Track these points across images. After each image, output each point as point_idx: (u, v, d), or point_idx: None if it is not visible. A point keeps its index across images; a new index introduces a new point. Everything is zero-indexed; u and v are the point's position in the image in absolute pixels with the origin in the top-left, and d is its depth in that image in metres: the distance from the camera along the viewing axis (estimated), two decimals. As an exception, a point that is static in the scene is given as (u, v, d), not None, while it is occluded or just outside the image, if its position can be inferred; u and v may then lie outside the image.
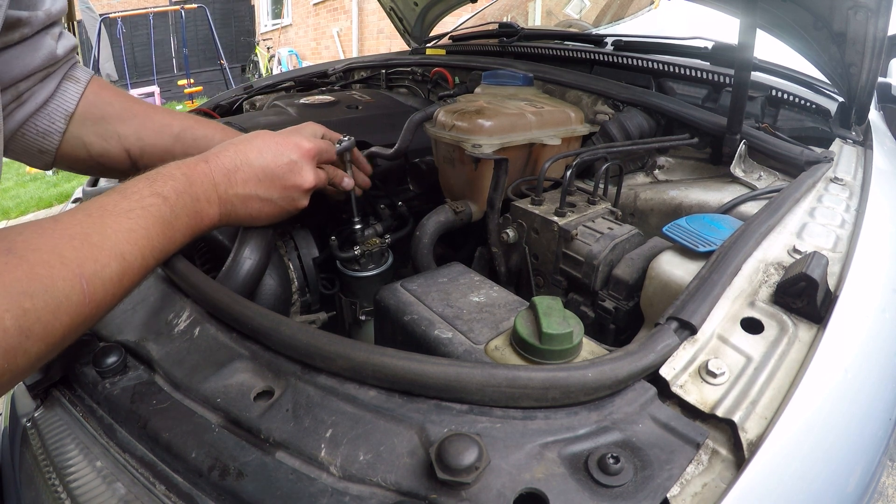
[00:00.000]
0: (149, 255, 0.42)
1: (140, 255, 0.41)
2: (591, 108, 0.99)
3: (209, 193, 0.51)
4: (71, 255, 0.35)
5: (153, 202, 0.44)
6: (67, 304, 0.34)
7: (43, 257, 0.33)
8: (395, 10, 1.74)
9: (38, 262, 0.33)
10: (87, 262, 0.36)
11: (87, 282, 0.35)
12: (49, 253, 0.34)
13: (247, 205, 0.55)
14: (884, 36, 0.77)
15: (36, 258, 0.33)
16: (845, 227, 0.59)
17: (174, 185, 0.47)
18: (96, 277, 0.36)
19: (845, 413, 0.40)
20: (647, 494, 0.30)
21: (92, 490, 0.38)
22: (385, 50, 6.20)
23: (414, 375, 0.36)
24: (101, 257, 0.37)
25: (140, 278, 0.42)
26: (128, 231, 0.40)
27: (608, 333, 0.64)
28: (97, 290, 0.36)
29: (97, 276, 0.36)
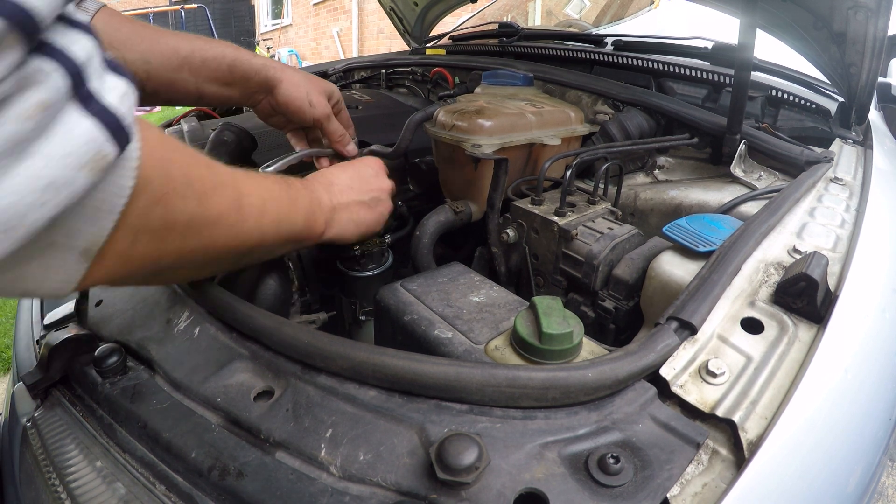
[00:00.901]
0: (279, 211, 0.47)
1: (275, 206, 0.47)
2: (591, 108, 0.99)
3: (318, 201, 0.55)
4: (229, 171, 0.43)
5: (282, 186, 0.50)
6: (222, 189, 0.41)
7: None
8: (395, 10, 1.74)
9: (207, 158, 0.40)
10: (239, 180, 0.43)
11: (240, 192, 0.42)
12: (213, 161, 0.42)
13: (349, 210, 0.59)
14: (884, 36, 0.77)
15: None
16: (845, 227, 0.59)
17: (297, 188, 0.52)
18: (245, 195, 0.43)
19: (845, 413, 0.40)
20: (647, 494, 0.30)
21: (92, 490, 0.38)
22: (385, 50, 6.20)
23: (414, 375, 0.36)
24: (250, 185, 0.44)
25: (272, 227, 0.46)
26: (265, 186, 0.46)
27: (608, 333, 0.64)
28: (244, 204, 0.43)
29: (246, 194, 0.43)
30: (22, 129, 0.24)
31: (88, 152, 0.26)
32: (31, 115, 0.24)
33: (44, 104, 0.25)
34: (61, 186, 0.26)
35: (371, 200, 0.63)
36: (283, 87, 0.69)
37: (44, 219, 0.25)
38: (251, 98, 0.70)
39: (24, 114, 0.24)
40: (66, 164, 0.25)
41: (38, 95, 0.24)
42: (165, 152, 0.35)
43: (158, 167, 0.34)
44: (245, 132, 0.82)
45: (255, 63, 0.67)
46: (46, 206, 0.25)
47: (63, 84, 0.26)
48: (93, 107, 0.27)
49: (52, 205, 0.25)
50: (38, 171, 0.25)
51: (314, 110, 0.70)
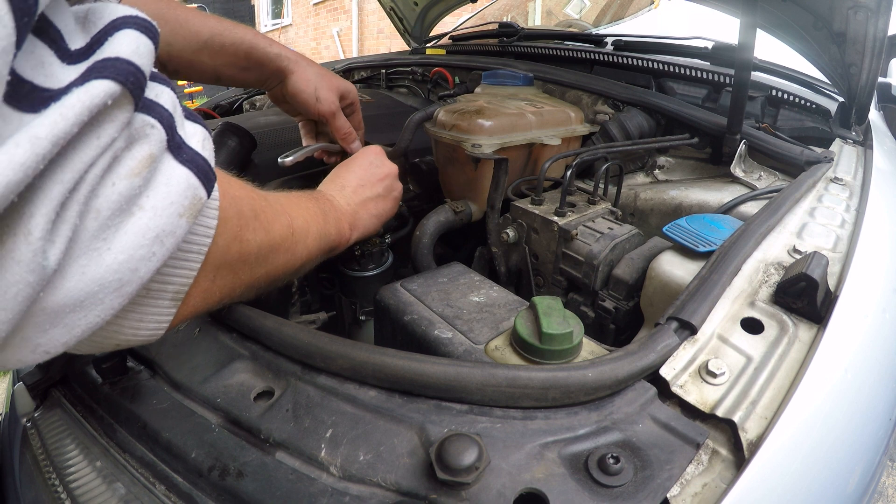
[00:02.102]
0: (318, 229, 0.51)
1: (315, 226, 0.50)
2: (591, 108, 0.99)
3: (339, 209, 0.58)
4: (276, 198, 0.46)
5: (314, 203, 0.53)
6: (280, 217, 0.43)
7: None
8: (395, 10, 1.74)
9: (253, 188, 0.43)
10: (287, 206, 0.46)
11: (290, 216, 0.45)
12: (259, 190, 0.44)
13: (367, 208, 0.62)
14: (884, 36, 0.77)
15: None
16: (845, 226, 0.59)
17: (323, 201, 0.55)
18: (294, 218, 0.46)
19: (845, 413, 0.40)
20: (647, 494, 0.30)
21: (92, 490, 0.38)
22: (385, 50, 6.20)
23: (414, 375, 0.36)
24: (294, 209, 0.47)
25: (314, 244, 0.49)
26: (304, 207, 0.50)
27: (608, 333, 0.64)
28: (295, 227, 0.46)
29: (295, 217, 0.46)
30: (133, 185, 0.24)
31: (186, 198, 0.27)
32: (140, 170, 0.25)
33: (151, 158, 0.25)
34: (166, 236, 0.26)
35: (383, 190, 0.65)
36: (293, 78, 0.71)
37: (151, 271, 0.26)
38: (265, 83, 0.73)
39: (133, 170, 0.24)
40: (169, 214, 0.26)
41: (145, 150, 0.25)
42: (233, 190, 0.36)
43: (232, 205, 0.35)
44: (245, 132, 0.82)
45: (271, 52, 0.69)
46: (154, 258, 0.26)
47: (163, 136, 0.26)
48: (184, 154, 0.28)
49: (159, 255, 0.26)
50: (146, 224, 0.25)
51: (319, 105, 0.72)
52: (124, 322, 0.28)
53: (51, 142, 0.19)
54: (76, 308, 0.23)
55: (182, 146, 0.28)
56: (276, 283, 0.47)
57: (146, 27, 0.26)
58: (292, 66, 0.71)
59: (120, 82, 0.22)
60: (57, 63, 0.22)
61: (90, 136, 0.22)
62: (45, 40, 0.21)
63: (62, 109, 0.20)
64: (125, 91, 0.23)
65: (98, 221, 0.23)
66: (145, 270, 0.25)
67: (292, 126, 0.98)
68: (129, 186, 0.24)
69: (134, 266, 0.25)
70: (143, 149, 0.25)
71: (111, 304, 0.25)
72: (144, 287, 0.27)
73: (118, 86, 0.22)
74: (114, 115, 0.23)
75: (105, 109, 0.22)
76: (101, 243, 0.23)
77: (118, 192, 0.24)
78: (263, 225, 0.40)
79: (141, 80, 0.24)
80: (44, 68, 0.21)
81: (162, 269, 0.28)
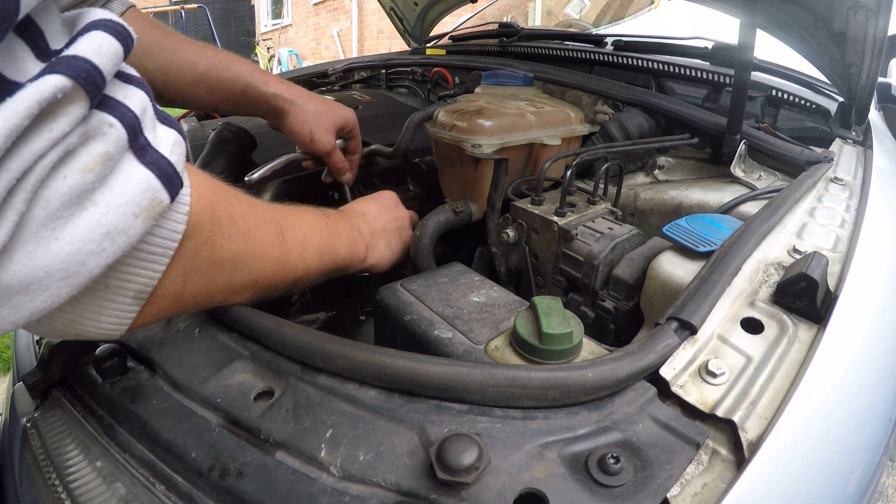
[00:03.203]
0: (321, 241, 0.51)
1: (316, 237, 0.50)
2: (591, 108, 0.99)
3: (357, 229, 0.59)
4: (268, 208, 0.46)
5: (321, 218, 0.54)
6: (265, 225, 0.43)
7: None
8: (395, 10, 1.74)
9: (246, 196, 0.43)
10: (280, 216, 0.46)
11: (281, 226, 0.45)
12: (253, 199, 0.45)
13: (384, 236, 0.63)
14: (884, 36, 0.77)
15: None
16: (845, 227, 0.59)
17: (335, 219, 0.56)
18: (287, 228, 0.46)
19: (845, 413, 0.40)
20: (647, 494, 0.30)
21: (92, 490, 0.38)
22: (385, 50, 6.20)
23: (414, 375, 0.36)
24: (289, 219, 0.47)
25: (314, 256, 0.49)
26: (307, 219, 0.51)
27: (608, 333, 0.64)
28: (287, 236, 0.46)
29: (288, 227, 0.46)
30: (85, 180, 0.25)
31: (144, 200, 0.28)
32: (93, 167, 0.25)
33: (106, 156, 0.26)
34: (118, 234, 0.27)
35: (398, 229, 0.67)
36: (289, 119, 0.72)
37: (101, 266, 0.26)
38: (263, 117, 0.75)
39: (87, 166, 0.25)
40: (123, 213, 0.27)
41: (100, 147, 0.26)
42: (212, 195, 0.36)
43: (207, 210, 0.35)
44: (245, 132, 0.82)
45: (267, 91, 0.71)
46: (105, 254, 0.26)
47: (123, 136, 0.27)
48: (147, 157, 0.28)
49: (110, 252, 0.27)
50: (97, 220, 0.26)
51: (315, 146, 0.74)
52: (82, 312, 0.29)
53: (3, 135, 0.21)
54: (22, 291, 0.24)
55: (147, 148, 0.28)
56: (271, 292, 0.46)
57: (115, 30, 0.26)
58: (287, 106, 0.72)
59: (71, 77, 0.23)
60: (31, 59, 0.23)
61: (41, 128, 0.23)
62: (25, 38, 0.23)
63: (13, 104, 0.21)
64: (77, 86, 0.23)
65: (47, 211, 0.24)
66: (94, 265, 0.26)
67: None
68: (81, 181, 0.25)
69: (81, 259, 0.25)
70: (99, 146, 0.25)
71: (58, 293, 0.25)
72: (99, 281, 0.28)
73: (69, 81, 0.23)
74: (66, 109, 0.23)
75: (56, 103, 0.23)
76: (50, 232, 0.24)
77: (68, 186, 0.24)
78: (242, 232, 0.39)
79: (96, 78, 0.24)
80: (15, 62, 0.22)
81: (120, 267, 0.29)
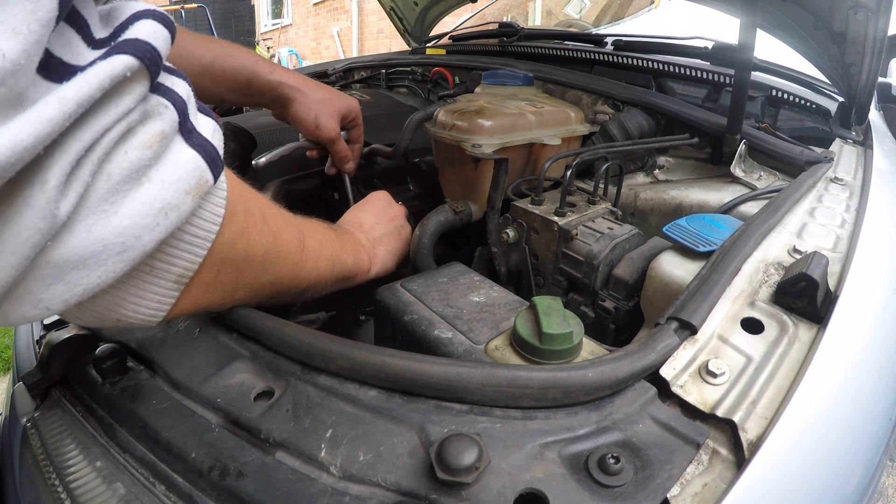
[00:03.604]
0: (332, 253, 0.52)
1: (329, 249, 0.51)
2: (591, 108, 0.99)
3: (359, 241, 0.60)
4: (290, 216, 0.47)
5: (330, 230, 0.55)
6: (289, 230, 0.44)
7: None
8: (395, 10, 1.74)
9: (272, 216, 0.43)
10: (300, 225, 0.47)
11: (302, 234, 0.46)
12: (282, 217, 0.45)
13: (383, 244, 0.64)
14: (884, 36, 0.77)
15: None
16: (845, 227, 0.59)
17: (340, 232, 0.57)
18: (307, 237, 0.47)
19: (845, 413, 0.40)
20: (647, 494, 0.30)
21: (92, 490, 0.38)
22: (385, 50, 6.20)
23: (414, 375, 0.36)
24: (308, 229, 0.48)
25: (326, 266, 0.50)
26: (320, 230, 0.51)
27: (608, 333, 0.64)
28: (306, 244, 0.47)
29: (307, 236, 0.47)
30: (144, 156, 0.26)
31: (193, 178, 0.29)
32: (151, 143, 0.26)
33: (162, 134, 0.27)
34: (171, 210, 0.28)
35: (395, 229, 0.68)
36: (294, 106, 0.74)
37: (154, 241, 0.28)
38: (268, 105, 0.76)
39: (146, 143, 0.26)
40: (176, 189, 0.28)
41: (158, 126, 0.27)
42: (243, 190, 0.38)
43: (241, 201, 0.36)
44: (245, 132, 0.82)
45: (272, 79, 0.72)
46: (158, 229, 0.27)
47: (175, 118, 0.28)
48: (194, 139, 0.30)
49: (163, 227, 0.28)
50: (154, 195, 0.27)
51: (319, 132, 0.75)
52: (126, 296, 0.30)
53: (76, 103, 0.22)
54: (79, 265, 0.25)
55: (193, 132, 0.30)
56: (280, 298, 0.47)
57: (163, 18, 0.28)
58: (293, 94, 0.73)
59: (138, 57, 0.24)
60: (83, 46, 0.24)
61: (109, 103, 0.24)
62: (74, 27, 0.24)
63: (87, 77, 0.22)
64: (142, 66, 0.25)
65: (108, 184, 0.25)
66: (148, 239, 0.27)
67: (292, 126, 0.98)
68: (141, 157, 0.26)
69: (138, 233, 0.26)
70: (156, 125, 0.27)
71: (113, 268, 0.26)
72: (147, 262, 0.29)
73: (136, 60, 0.24)
74: (132, 87, 0.25)
75: (124, 81, 0.24)
76: (109, 206, 0.25)
77: (129, 161, 0.25)
78: (272, 229, 0.40)
79: (157, 59, 0.26)
80: (71, 48, 0.23)
81: (166, 249, 0.30)
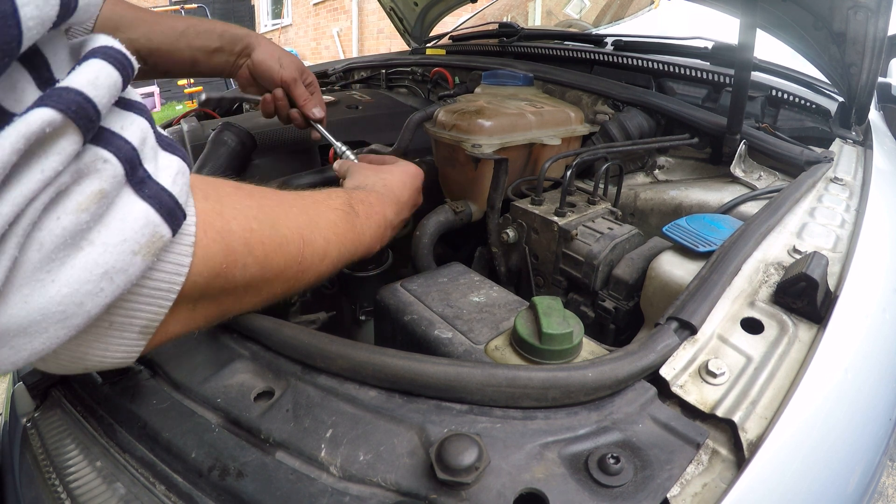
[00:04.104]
0: (341, 250, 0.49)
1: (337, 247, 0.48)
2: (591, 108, 0.99)
3: (385, 217, 0.57)
4: (295, 218, 0.42)
5: (347, 211, 0.51)
6: (286, 247, 0.39)
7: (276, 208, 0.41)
8: (395, 10, 1.74)
9: (271, 204, 0.40)
10: (305, 229, 0.43)
11: (304, 242, 0.42)
12: (281, 205, 0.42)
13: (409, 205, 0.64)
14: (884, 36, 0.77)
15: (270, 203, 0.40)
16: (845, 227, 0.59)
17: (364, 215, 0.54)
18: (308, 244, 0.43)
19: (845, 413, 0.40)
20: (647, 494, 0.30)
21: (92, 490, 0.38)
22: (385, 50, 6.20)
23: (414, 375, 0.36)
24: (315, 231, 0.44)
25: (329, 267, 0.47)
26: (332, 223, 0.47)
27: (608, 333, 0.64)
28: (307, 254, 0.43)
29: (309, 243, 0.43)
30: (79, 220, 0.24)
31: (143, 236, 0.26)
32: (87, 206, 0.24)
33: (100, 193, 0.24)
34: (116, 273, 0.26)
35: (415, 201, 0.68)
36: (259, 51, 0.79)
37: (99, 306, 0.26)
38: (234, 64, 0.79)
39: (81, 205, 0.24)
40: (121, 251, 0.25)
41: (94, 185, 0.24)
42: (223, 224, 0.34)
43: (218, 241, 0.33)
44: (245, 132, 0.82)
45: (240, 32, 0.79)
46: (102, 294, 0.25)
47: (119, 171, 0.26)
48: (147, 190, 0.27)
49: (108, 292, 0.26)
50: (94, 260, 0.25)
51: (283, 71, 0.79)
52: (88, 350, 0.28)
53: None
54: (20, 333, 0.23)
55: (146, 181, 0.27)
56: (273, 301, 0.45)
57: (115, 58, 0.25)
58: (258, 40, 0.80)
59: (61, 111, 0.22)
60: (32, 89, 0.22)
61: (32, 167, 0.22)
62: (28, 67, 0.22)
63: (1, 140, 0.20)
64: (67, 120, 0.22)
65: (41, 254, 0.23)
66: (92, 305, 0.25)
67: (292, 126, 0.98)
68: (76, 221, 0.24)
69: (79, 300, 0.24)
70: (93, 184, 0.24)
71: (56, 335, 0.24)
72: (102, 319, 0.27)
73: (58, 114, 0.22)
74: (57, 145, 0.22)
75: (45, 138, 0.21)
76: (45, 275, 0.23)
77: (62, 227, 0.23)
78: (259, 260, 0.37)
79: (88, 111, 0.23)
80: (14, 93, 0.21)
81: (123, 304, 0.28)
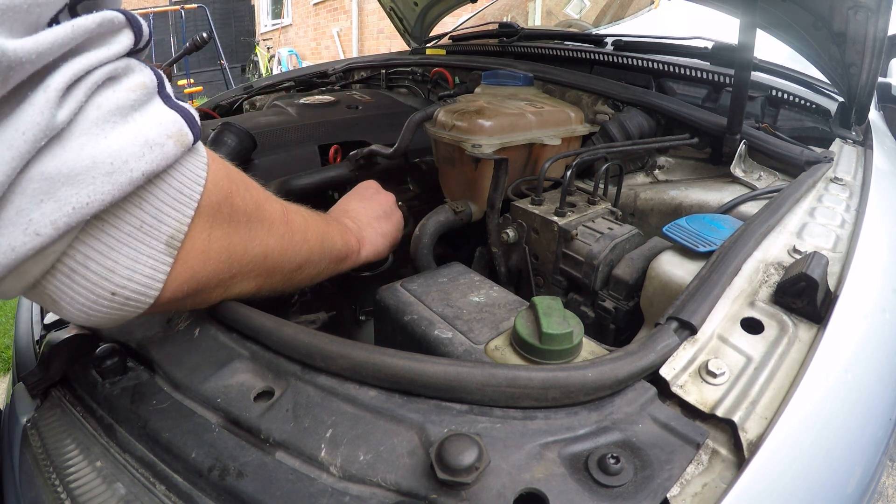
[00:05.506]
0: (320, 235, 0.53)
1: (316, 230, 0.52)
2: (591, 108, 0.99)
3: (344, 225, 0.62)
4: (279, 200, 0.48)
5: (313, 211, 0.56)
6: (273, 203, 0.46)
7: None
8: (395, 10, 1.74)
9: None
10: (291, 211, 0.49)
11: (287, 211, 0.48)
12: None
13: (372, 226, 0.66)
14: (884, 36, 0.77)
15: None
16: (845, 227, 0.59)
17: (325, 216, 0.59)
18: (293, 214, 0.49)
19: (845, 413, 0.40)
20: (647, 494, 0.30)
21: (92, 490, 0.38)
22: (385, 50, 6.20)
23: (414, 375, 0.36)
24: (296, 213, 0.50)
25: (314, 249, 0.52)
26: (305, 212, 0.53)
27: (608, 333, 0.64)
28: (291, 220, 0.48)
29: (294, 213, 0.50)
30: (129, 98, 0.30)
31: (174, 127, 0.32)
32: (135, 88, 0.31)
33: (143, 85, 0.31)
34: (155, 145, 0.31)
35: (385, 213, 0.70)
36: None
37: (140, 171, 0.30)
38: None
39: (130, 88, 0.31)
40: (158, 131, 0.31)
41: (139, 78, 0.31)
42: (225, 163, 0.41)
43: (222, 169, 0.39)
44: (245, 132, 0.82)
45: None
46: (144, 159, 0.30)
47: (154, 78, 0.33)
48: (172, 103, 0.33)
49: (149, 159, 0.30)
50: (139, 130, 0.30)
51: None
52: (119, 257, 0.31)
53: (85, 29, 0.27)
54: (70, 181, 0.27)
55: (170, 99, 0.34)
56: (278, 279, 0.48)
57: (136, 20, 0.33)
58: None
59: (121, 12, 0.30)
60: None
61: (101, 41, 0.29)
62: None
63: (88, 17, 0.28)
64: (127, 22, 0.30)
65: (99, 113, 0.28)
66: (135, 166, 0.29)
67: (292, 126, 0.98)
68: (126, 98, 0.30)
69: (125, 158, 0.29)
70: (138, 77, 0.31)
71: (101, 188, 0.28)
72: (135, 217, 0.31)
73: (123, 17, 0.30)
74: (118, 36, 0.30)
75: (113, 27, 0.29)
76: (100, 130, 0.28)
77: (117, 98, 0.29)
78: (255, 198, 0.43)
79: (139, 24, 0.31)
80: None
81: (154, 202, 0.32)
